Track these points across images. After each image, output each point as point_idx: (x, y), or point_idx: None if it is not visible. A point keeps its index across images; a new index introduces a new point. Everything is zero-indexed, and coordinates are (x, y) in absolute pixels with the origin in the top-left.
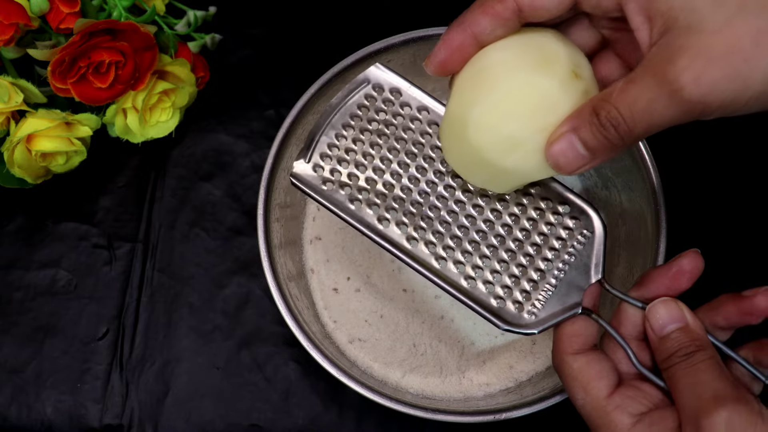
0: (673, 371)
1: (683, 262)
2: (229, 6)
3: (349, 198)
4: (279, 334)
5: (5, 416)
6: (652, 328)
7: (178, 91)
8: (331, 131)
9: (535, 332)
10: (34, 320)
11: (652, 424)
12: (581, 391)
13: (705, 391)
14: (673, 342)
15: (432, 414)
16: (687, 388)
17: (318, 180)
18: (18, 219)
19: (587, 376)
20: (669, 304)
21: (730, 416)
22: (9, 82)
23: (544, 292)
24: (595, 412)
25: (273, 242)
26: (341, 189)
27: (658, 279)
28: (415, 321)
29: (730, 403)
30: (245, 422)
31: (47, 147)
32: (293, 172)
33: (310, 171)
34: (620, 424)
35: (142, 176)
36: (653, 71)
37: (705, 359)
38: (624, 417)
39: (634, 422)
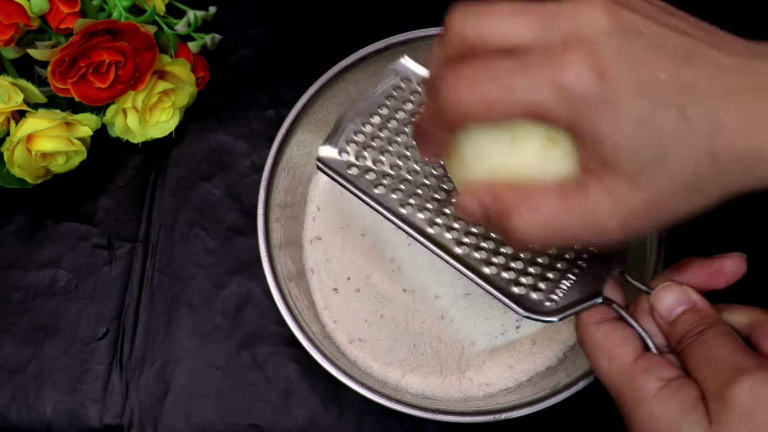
0: (688, 351)
1: (726, 263)
2: (229, 6)
3: (373, 183)
4: (279, 334)
5: (5, 416)
6: (660, 314)
7: (178, 91)
8: (358, 118)
9: (555, 320)
10: (34, 320)
11: (679, 389)
12: (605, 358)
13: (723, 364)
14: (683, 324)
15: (432, 414)
16: (704, 365)
17: (343, 165)
18: (18, 219)
19: (611, 342)
20: (673, 288)
21: (752, 385)
22: (9, 82)
23: (566, 281)
24: (620, 378)
25: (273, 242)
26: (366, 174)
27: (695, 270)
28: (415, 321)
29: (751, 372)
30: (245, 422)
31: (47, 147)
32: (319, 156)
33: (335, 155)
34: (645, 388)
35: (142, 176)
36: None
37: (718, 335)
38: (650, 380)
39: (660, 387)
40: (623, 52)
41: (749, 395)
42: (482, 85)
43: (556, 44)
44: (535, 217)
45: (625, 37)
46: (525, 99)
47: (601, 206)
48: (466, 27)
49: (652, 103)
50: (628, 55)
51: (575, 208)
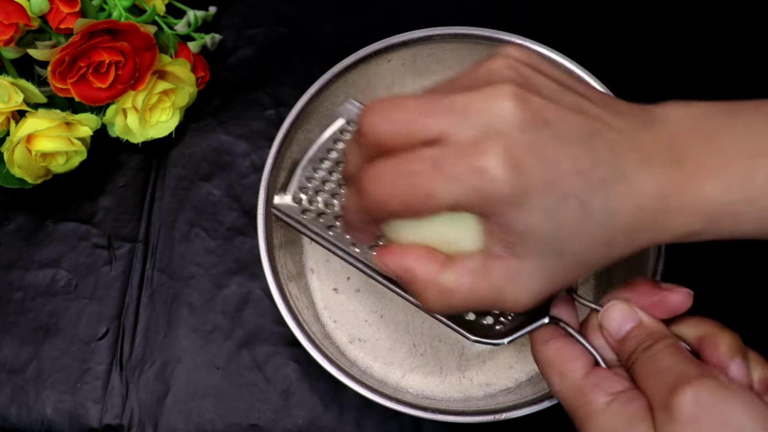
0: (636, 365)
1: (670, 297)
2: (229, 6)
3: (327, 225)
4: (279, 334)
5: (5, 416)
6: (609, 332)
7: (178, 91)
8: (309, 165)
9: (505, 342)
10: (34, 320)
11: (628, 402)
12: (557, 375)
13: (668, 375)
14: (632, 341)
15: (432, 414)
16: (650, 376)
17: (297, 210)
18: (18, 219)
19: (561, 359)
20: (620, 307)
21: (696, 392)
22: (9, 82)
23: None
24: (571, 394)
25: (273, 242)
26: (319, 217)
27: (641, 293)
28: (415, 321)
29: (695, 380)
30: (245, 422)
31: (47, 147)
32: (275, 204)
33: (290, 202)
34: (595, 402)
35: (142, 176)
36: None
37: (664, 347)
38: (600, 395)
39: (609, 401)
40: (534, 146)
41: (693, 403)
42: (402, 187)
43: (470, 140)
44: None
45: (535, 129)
46: (445, 199)
47: (503, 288)
48: (378, 127)
49: (558, 197)
50: (539, 149)
51: (478, 288)
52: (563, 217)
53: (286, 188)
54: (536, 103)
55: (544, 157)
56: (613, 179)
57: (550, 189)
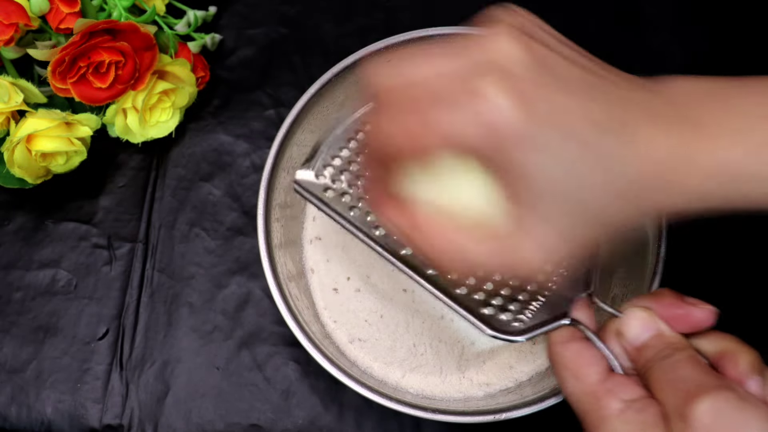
0: (652, 373)
1: (695, 312)
2: (229, 6)
3: (348, 206)
4: (279, 334)
5: (5, 416)
6: (627, 339)
7: (178, 91)
8: (335, 143)
9: (522, 340)
10: (34, 320)
11: (642, 410)
12: (572, 377)
13: (686, 384)
14: (650, 349)
15: (432, 414)
16: (667, 385)
17: (319, 187)
18: (18, 219)
19: (578, 362)
20: (641, 315)
21: (714, 403)
22: (9, 82)
23: (535, 302)
24: (585, 398)
25: (273, 242)
26: (341, 197)
27: (665, 304)
28: (415, 321)
29: (713, 390)
30: (245, 422)
31: (47, 147)
32: (296, 179)
33: (312, 178)
34: (609, 408)
35: (142, 176)
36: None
37: (683, 358)
38: (614, 402)
39: (623, 408)
40: (540, 86)
41: (711, 413)
42: (411, 121)
43: (475, 75)
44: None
45: (539, 71)
46: (452, 131)
47: (519, 246)
48: (385, 77)
49: (567, 138)
50: (545, 89)
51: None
52: (570, 159)
53: (309, 163)
54: (539, 50)
55: (551, 98)
56: (622, 130)
57: (559, 129)
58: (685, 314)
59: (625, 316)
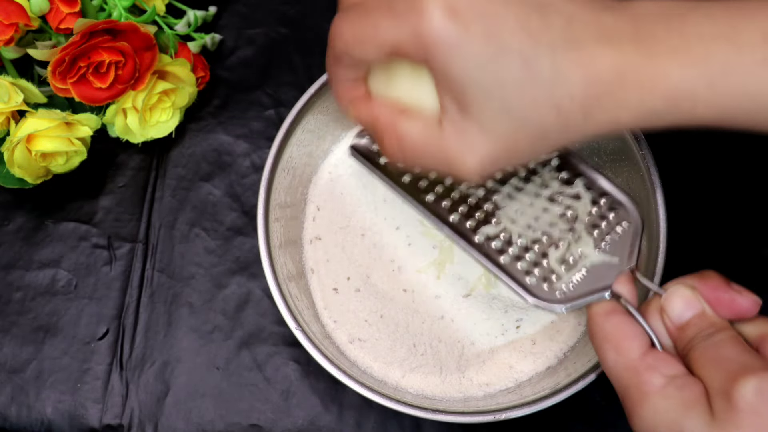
0: (695, 352)
1: (740, 299)
2: (229, 6)
3: (400, 172)
4: (279, 334)
5: (5, 416)
6: (670, 317)
7: (178, 91)
8: None
9: (563, 310)
10: (34, 320)
11: (683, 387)
12: (612, 351)
13: (730, 364)
14: (692, 328)
15: (432, 414)
16: (711, 364)
17: (375, 154)
18: (18, 219)
19: (619, 336)
20: (684, 293)
21: (759, 383)
22: (9, 82)
23: (578, 274)
24: (626, 372)
25: (273, 242)
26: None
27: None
28: (415, 321)
29: (758, 371)
30: (245, 422)
31: (47, 147)
32: (353, 144)
33: (368, 143)
34: (650, 384)
35: (142, 176)
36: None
37: (726, 338)
38: (655, 377)
39: (665, 383)
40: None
41: (756, 393)
42: (357, 24)
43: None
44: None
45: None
46: (388, 36)
47: (453, 147)
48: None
49: (497, 48)
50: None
51: (431, 144)
52: (504, 71)
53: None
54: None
55: (486, 10)
56: (564, 45)
57: (489, 39)
58: (730, 300)
59: (669, 294)
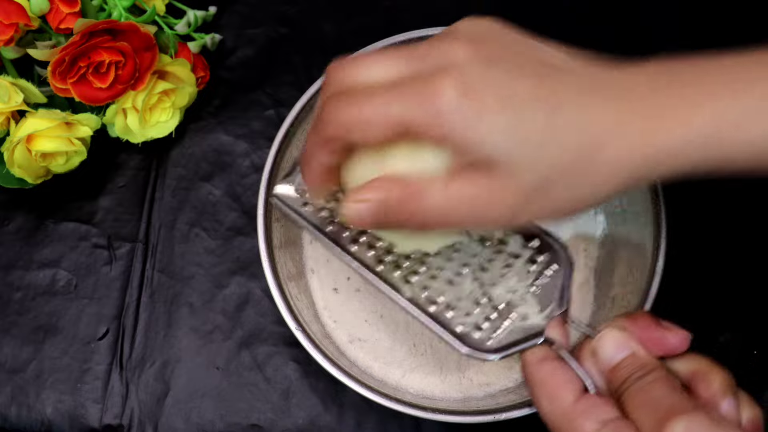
0: (627, 395)
1: (669, 336)
2: (229, 6)
3: (326, 221)
4: (279, 334)
5: (5, 416)
6: (602, 359)
7: (178, 91)
8: None
9: (496, 358)
10: (34, 320)
11: (616, 430)
12: (546, 398)
13: (660, 405)
14: (624, 370)
15: (432, 414)
16: (641, 406)
17: (299, 202)
18: (18, 219)
19: (552, 383)
20: (615, 335)
21: (688, 425)
22: (9, 82)
23: (509, 320)
24: (560, 419)
25: (273, 242)
26: (319, 212)
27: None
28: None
29: (686, 412)
30: (245, 422)
31: (47, 147)
32: (276, 193)
33: (292, 193)
34: (583, 430)
35: (142, 176)
36: None
37: (656, 378)
38: (588, 422)
39: (598, 428)
40: (486, 75)
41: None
42: (362, 107)
43: (427, 74)
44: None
45: (486, 63)
46: (400, 117)
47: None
48: (343, 74)
49: (516, 113)
50: (491, 77)
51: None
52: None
53: (289, 177)
54: (488, 49)
55: (496, 82)
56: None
57: (507, 108)
58: (660, 338)
59: (600, 336)
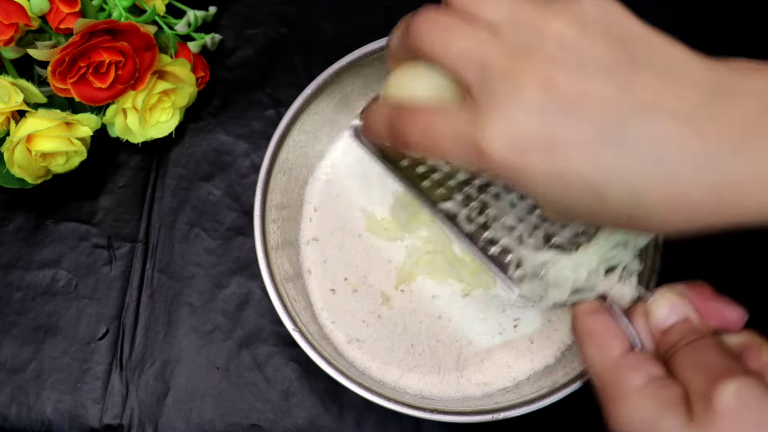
0: (677, 356)
1: (728, 310)
2: (229, 6)
3: (400, 157)
4: (279, 334)
5: (5, 416)
6: (654, 321)
7: (178, 91)
8: None
9: (548, 305)
10: (34, 320)
11: (663, 387)
12: (595, 348)
13: (712, 367)
14: (676, 333)
15: (430, 414)
16: (692, 367)
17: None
18: (18, 219)
19: (603, 333)
20: (671, 298)
21: (739, 387)
22: (9, 82)
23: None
24: (607, 370)
25: (270, 243)
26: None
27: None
28: (412, 321)
29: (739, 375)
30: (245, 422)
31: (47, 147)
32: (355, 125)
33: None
34: (629, 382)
35: (142, 176)
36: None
37: (709, 344)
38: (635, 376)
39: (644, 383)
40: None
41: (735, 396)
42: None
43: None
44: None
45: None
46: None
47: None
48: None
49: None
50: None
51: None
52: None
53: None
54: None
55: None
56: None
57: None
58: (718, 309)
59: (655, 298)
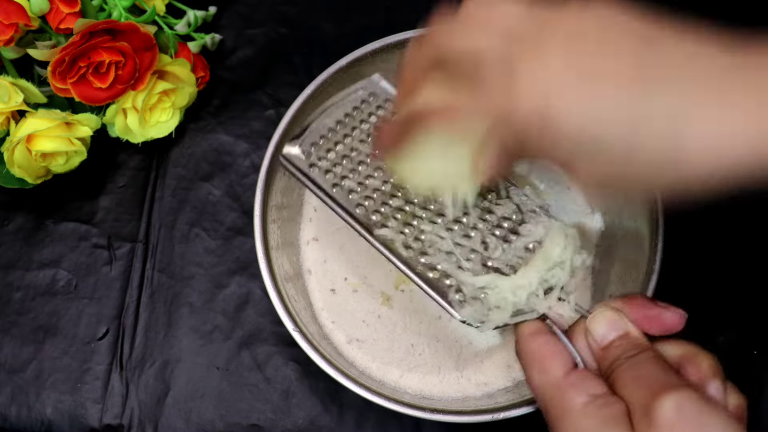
0: (617, 372)
1: (666, 315)
2: (229, 6)
3: (332, 183)
4: (279, 334)
5: (5, 416)
6: (594, 338)
7: (178, 91)
8: (325, 123)
9: (489, 328)
10: (34, 320)
11: (605, 405)
12: (537, 369)
13: (651, 381)
14: (615, 349)
15: (430, 414)
16: (633, 382)
17: (305, 164)
18: (18, 219)
19: (544, 355)
20: (609, 315)
21: (678, 400)
22: (9, 82)
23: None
24: (548, 390)
25: (270, 244)
26: (325, 174)
27: (637, 307)
28: (412, 321)
29: (678, 388)
30: (245, 422)
31: (47, 147)
32: (284, 153)
33: (299, 154)
34: (572, 401)
35: (142, 176)
36: None
37: (649, 357)
38: (577, 395)
39: (587, 402)
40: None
41: (675, 410)
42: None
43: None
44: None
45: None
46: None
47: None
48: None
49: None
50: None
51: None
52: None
53: (298, 139)
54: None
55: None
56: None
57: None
58: (656, 316)
59: (593, 316)
